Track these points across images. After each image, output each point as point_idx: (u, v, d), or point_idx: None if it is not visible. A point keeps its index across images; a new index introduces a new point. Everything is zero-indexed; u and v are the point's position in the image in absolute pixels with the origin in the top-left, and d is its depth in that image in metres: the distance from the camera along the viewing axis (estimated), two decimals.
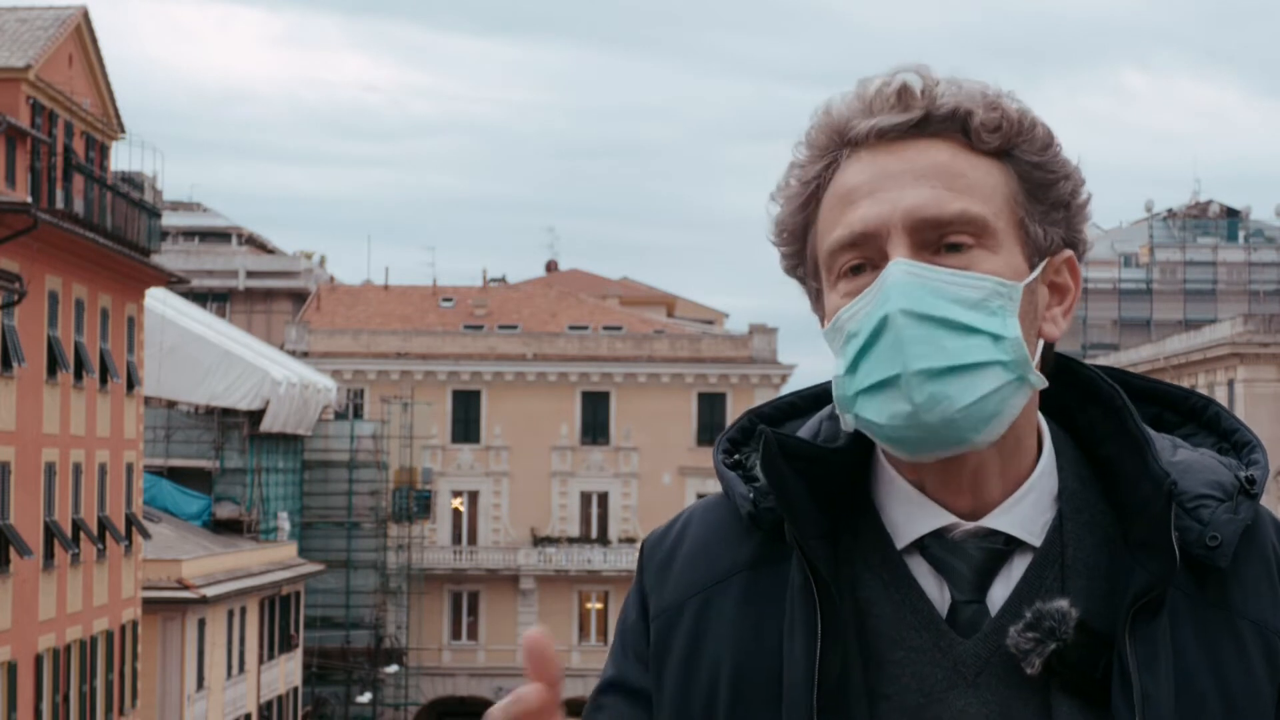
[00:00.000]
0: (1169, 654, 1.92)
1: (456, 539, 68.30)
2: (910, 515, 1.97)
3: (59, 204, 36.06)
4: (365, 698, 61.16)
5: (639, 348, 69.05)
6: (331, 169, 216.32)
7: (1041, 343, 1.97)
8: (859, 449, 2.01)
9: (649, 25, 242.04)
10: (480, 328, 70.92)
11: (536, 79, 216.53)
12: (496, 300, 74.39)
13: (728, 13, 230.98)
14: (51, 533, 35.61)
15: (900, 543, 1.97)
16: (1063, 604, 1.90)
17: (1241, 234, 73.89)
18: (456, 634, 67.78)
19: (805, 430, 2.06)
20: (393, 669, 62.88)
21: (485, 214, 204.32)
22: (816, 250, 1.97)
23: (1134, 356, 61.21)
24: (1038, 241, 1.95)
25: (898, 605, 1.95)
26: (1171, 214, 75.12)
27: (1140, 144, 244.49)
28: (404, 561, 64.25)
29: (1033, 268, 1.94)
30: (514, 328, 71.09)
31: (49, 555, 35.62)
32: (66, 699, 36.60)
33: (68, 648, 36.71)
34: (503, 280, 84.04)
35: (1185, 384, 48.00)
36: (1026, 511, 1.96)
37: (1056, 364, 2.03)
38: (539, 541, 67.62)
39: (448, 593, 67.44)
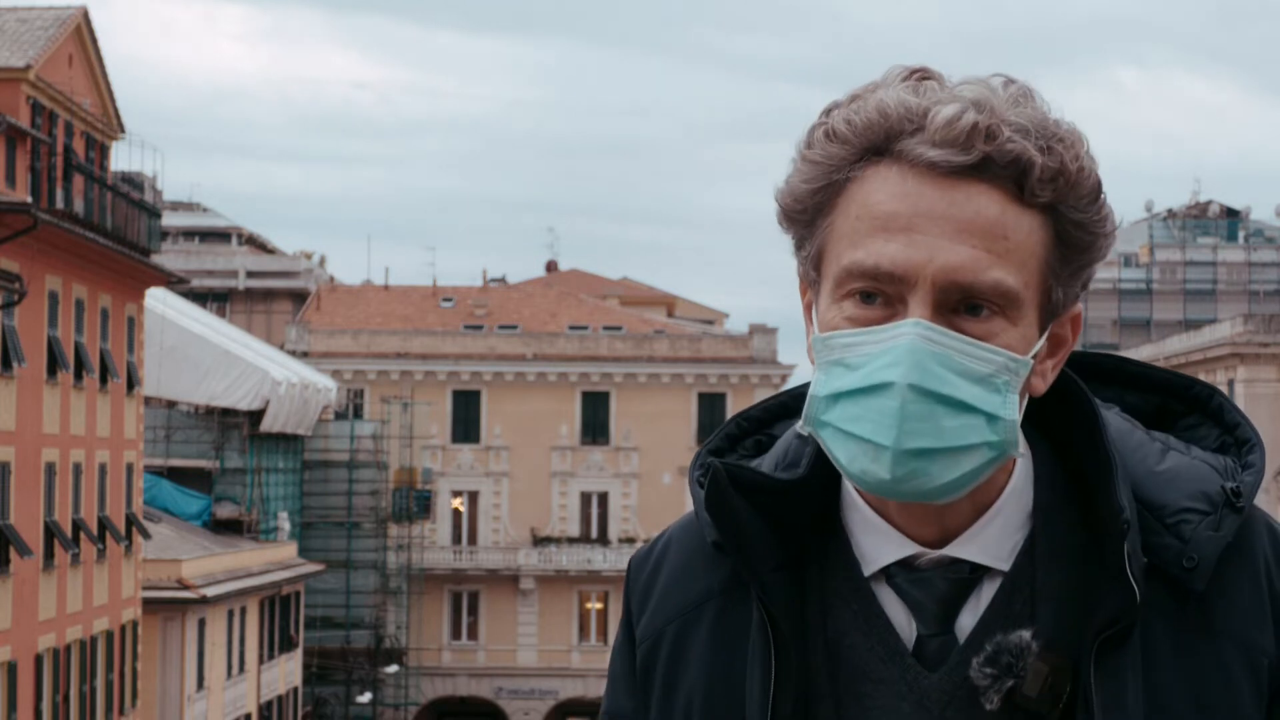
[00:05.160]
0: (1138, 684, 1.86)
1: (456, 539, 68.30)
2: (876, 544, 1.92)
3: (59, 204, 36.06)
4: (365, 698, 61.17)
5: (639, 348, 69.05)
6: (328, 168, 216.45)
7: (1026, 399, 1.89)
8: (825, 473, 1.95)
9: (646, 23, 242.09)
10: (480, 328, 70.92)
11: (532, 77, 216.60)
12: (496, 300, 74.41)
13: (727, 11, 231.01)
14: (51, 533, 35.61)
15: (867, 570, 1.92)
16: (1024, 635, 1.85)
17: (1241, 234, 73.86)
18: (456, 634, 67.78)
19: (776, 449, 2.02)
20: (393, 669, 62.88)
21: (485, 214, 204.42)
22: (825, 245, 1.87)
23: (1134, 356, 61.15)
24: (1055, 306, 1.89)
25: (866, 636, 1.91)
26: (1171, 214, 75.11)
27: (1138, 143, 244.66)
28: (404, 561, 64.26)
29: (1042, 331, 1.88)
30: (514, 328, 71.09)
31: (49, 555, 35.63)
32: (66, 699, 36.61)
33: (68, 648, 36.72)
34: (503, 280, 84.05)
35: None
36: (994, 536, 1.90)
37: None
38: (539, 541, 67.61)
39: (448, 593, 67.44)
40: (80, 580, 37.52)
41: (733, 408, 67.25)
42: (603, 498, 68.15)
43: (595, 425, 68.33)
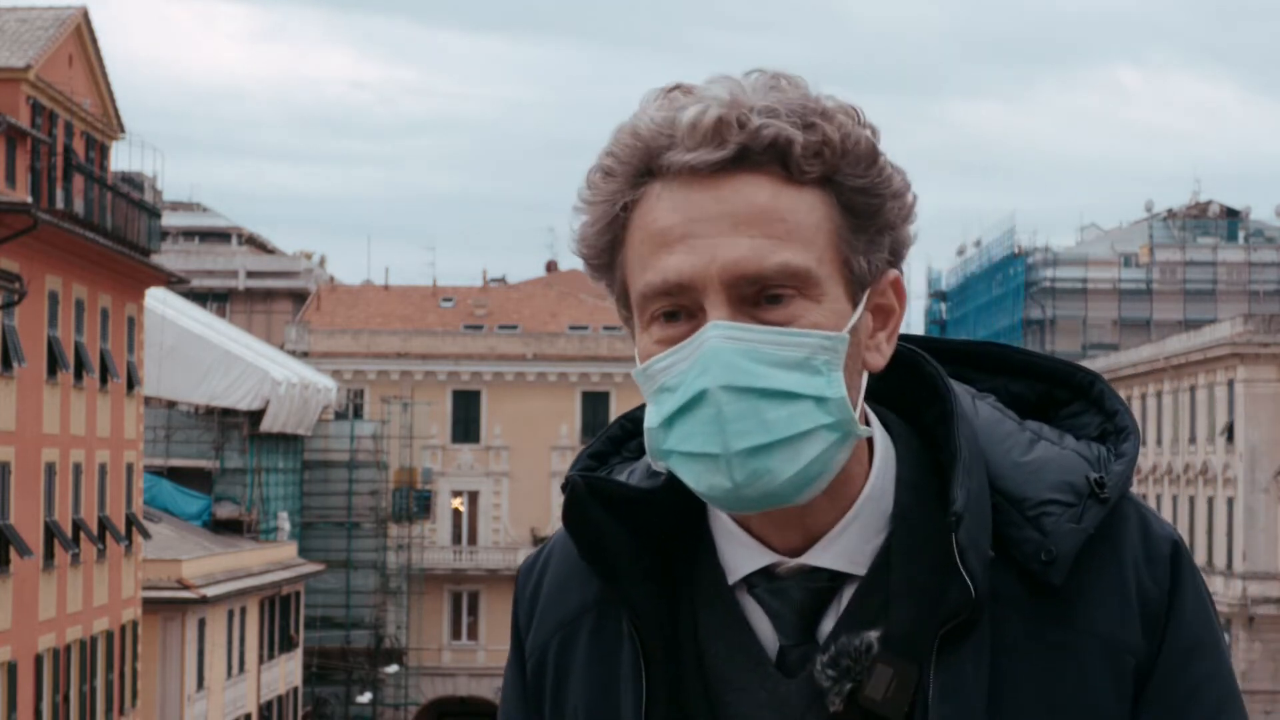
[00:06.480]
0: (981, 678, 1.83)
1: (456, 539, 68.31)
2: (736, 553, 1.90)
3: (59, 204, 36.05)
4: (365, 698, 61.16)
5: None
6: (328, 168, 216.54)
7: (866, 376, 1.87)
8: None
9: (646, 23, 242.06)
10: (480, 328, 70.93)
11: (532, 77, 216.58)
12: (496, 300, 74.40)
13: (727, 11, 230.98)
14: (51, 533, 35.61)
15: (731, 579, 1.91)
16: (869, 637, 1.83)
17: (1241, 234, 73.79)
18: (456, 634, 67.79)
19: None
20: (393, 669, 62.88)
21: (485, 214, 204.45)
22: (626, 279, 1.88)
23: (1134, 356, 61.19)
24: (861, 276, 1.85)
25: (730, 644, 1.90)
26: (1171, 214, 75.06)
27: (1138, 142, 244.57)
28: (404, 561, 64.26)
29: (856, 304, 1.84)
30: (514, 328, 71.09)
31: (49, 555, 35.62)
32: (66, 699, 36.60)
33: (68, 648, 36.71)
34: (503, 280, 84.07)
35: (1185, 384, 47.62)
36: (851, 541, 1.87)
37: (907, 359, 1.95)
38: (539, 541, 67.40)
39: (448, 593, 67.45)
40: (80, 580, 37.51)
41: None
42: None
43: (595, 425, 68.28)
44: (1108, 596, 1.87)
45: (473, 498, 68.53)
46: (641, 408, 1.99)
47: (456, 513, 68.52)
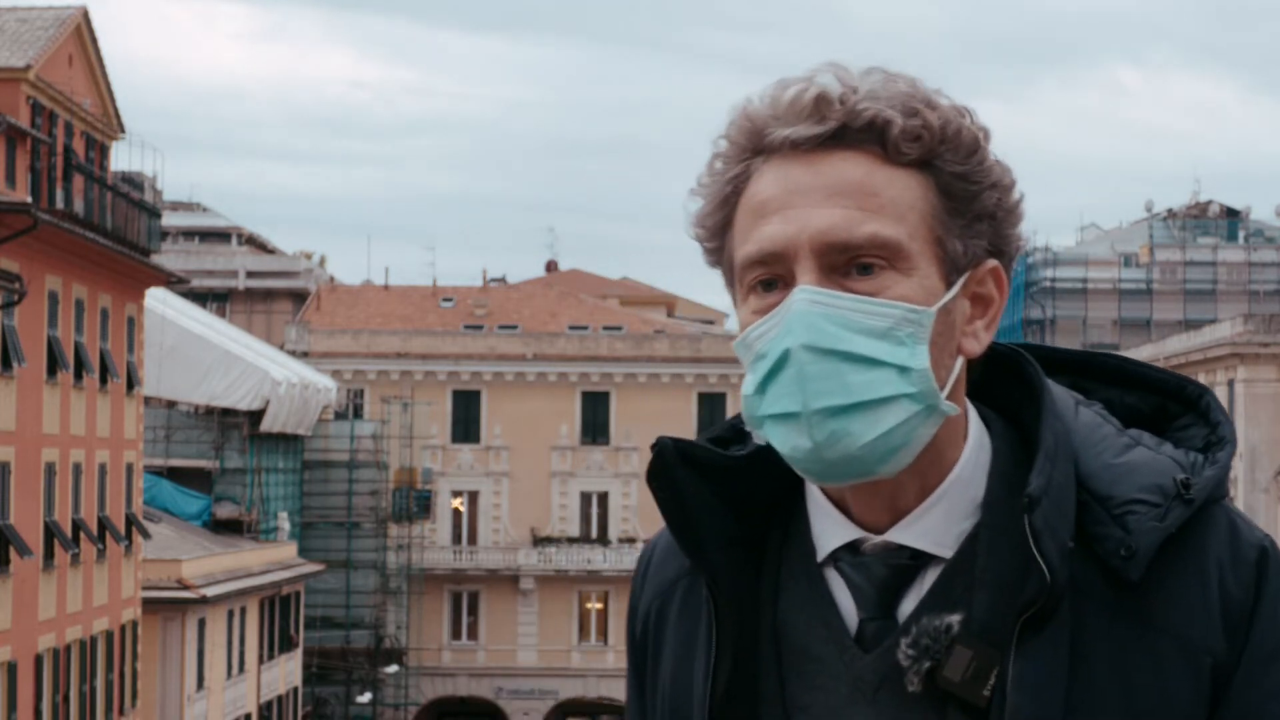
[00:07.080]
0: (1060, 668, 1.86)
1: (456, 539, 68.29)
2: (825, 527, 1.95)
3: (59, 204, 36.05)
4: (365, 698, 61.17)
5: (639, 348, 69.05)
6: (327, 168, 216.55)
7: (961, 361, 1.91)
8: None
9: (646, 23, 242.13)
10: (480, 328, 70.92)
11: (532, 77, 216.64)
12: (496, 300, 74.40)
13: (727, 11, 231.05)
14: (51, 533, 35.61)
15: (820, 554, 1.95)
16: (950, 619, 1.86)
17: (1241, 234, 73.76)
18: (456, 634, 67.78)
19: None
20: (393, 669, 62.89)
21: (485, 214, 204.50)
22: (732, 255, 1.92)
23: (1133, 357, 61.12)
24: (956, 259, 1.89)
25: (812, 617, 1.94)
26: (1171, 214, 75.02)
27: (1138, 142, 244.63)
28: (404, 561, 64.26)
29: (950, 285, 1.88)
30: (514, 328, 71.09)
31: (49, 555, 35.62)
32: (66, 699, 36.60)
33: (68, 648, 36.71)
34: (503, 280, 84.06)
35: None
36: (936, 522, 1.91)
37: (1011, 361, 1.99)
38: (539, 541, 67.60)
39: (448, 593, 67.44)
40: (80, 580, 37.51)
41: (732, 408, 67.23)
42: (603, 498, 68.13)
43: (595, 425, 68.31)
44: (1188, 596, 1.89)
45: (473, 498, 68.51)
46: None
47: (456, 513, 68.51)
